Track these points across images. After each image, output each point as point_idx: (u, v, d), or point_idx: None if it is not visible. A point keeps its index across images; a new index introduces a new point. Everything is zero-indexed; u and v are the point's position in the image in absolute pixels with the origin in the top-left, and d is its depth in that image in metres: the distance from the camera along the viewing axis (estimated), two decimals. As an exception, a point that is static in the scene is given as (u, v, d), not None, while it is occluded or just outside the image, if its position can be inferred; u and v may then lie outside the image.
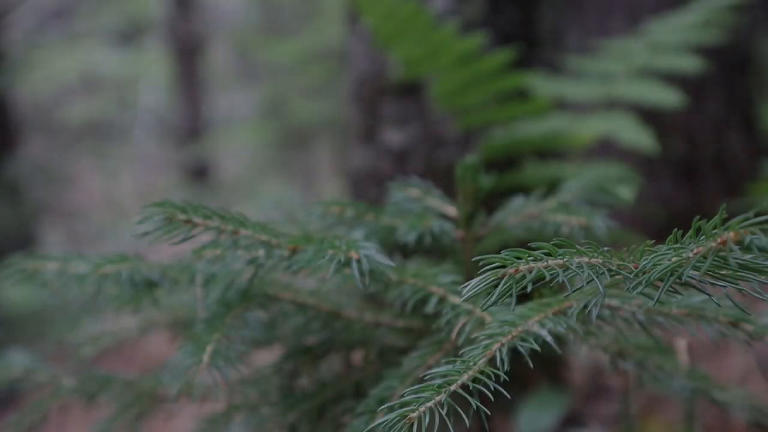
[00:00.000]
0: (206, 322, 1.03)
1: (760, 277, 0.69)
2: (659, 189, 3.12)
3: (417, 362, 0.99)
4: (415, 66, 1.89)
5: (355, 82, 2.18)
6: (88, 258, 1.13)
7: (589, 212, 1.13)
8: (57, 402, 1.25)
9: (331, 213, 1.19)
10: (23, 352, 1.33)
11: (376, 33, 1.82)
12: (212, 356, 0.95)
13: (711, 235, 0.69)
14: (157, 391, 1.27)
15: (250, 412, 1.21)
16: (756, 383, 1.84)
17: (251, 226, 0.99)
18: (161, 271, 1.12)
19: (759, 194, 2.18)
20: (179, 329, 1.38)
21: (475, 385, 0.76)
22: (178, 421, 1.70)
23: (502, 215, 1.19)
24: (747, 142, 3.17)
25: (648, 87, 1.92)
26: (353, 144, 2.20)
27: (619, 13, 3.17)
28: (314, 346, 1.18)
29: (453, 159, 1.97)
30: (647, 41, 2.02)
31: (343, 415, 1.12)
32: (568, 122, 1.91)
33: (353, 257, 0.92)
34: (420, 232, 1.12)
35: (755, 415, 1.14)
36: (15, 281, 1.14)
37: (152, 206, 0.96)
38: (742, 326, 0.93)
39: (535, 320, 0.86)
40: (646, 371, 1.06)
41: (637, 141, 1.78)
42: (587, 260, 0.74)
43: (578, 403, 1.94)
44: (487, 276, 0.73)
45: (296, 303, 1.12)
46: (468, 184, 1.11)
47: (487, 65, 1.83)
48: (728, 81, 3.13)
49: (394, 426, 0.72)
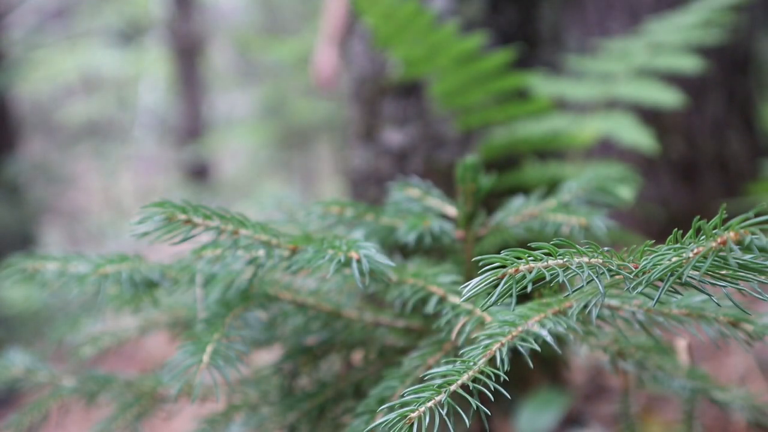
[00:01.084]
0: (206, 322, 1.03)
1: (760, 277, 0.69)
2: (659, 189, 3.12)
3: (417, 362, 0.99)
4: (415, 66, 1.89)
5: (355, 82, 2.18)
6: (88, 258, 1.13)
7: (589, 212, 1.13)
8: (57, 402, 1.25)
9: (331, 213, 1.19)
10: (23, 352, 1.32)
11: (375, 33, 1.82)
12: (212, 356, 0.95)
13: (711, 235, 0.69)
14: (157, 391, 1.27)
15: (250, 412, 1.21)
16: (756, 383, 1.84)
17: (251, 226, 0.99)
18: (161, 271, 1.12)
19: (759, 194, 2.18)
20: (179, 329, 1.38)
21: (475, 385, 0.76)
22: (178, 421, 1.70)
23: (502, 215, 1.19)
24: (747, 142, 3.17)
25: (648, 87, 1.92)
26: (353, 144, 2.20)
27: (619, 12, 3.18)
28: (314, 346, 1.18)
29: (453, 159, 1.97)
30: (647, 41, 2.02)
31: (343, 415, 1.12)
32: (568, 122, 1.91)
33: (353, 257, 0.92)
34: (420, 232, 1.12)
35: (755, 415, 1.14)
36: (15, 281, 1.13)
37: (152, 206, 0.95)
38: (742, 326, 0.93)
39: (535, 320, 0.86)
40: (646, 371, 1.06)
41: (637, 141, 1.78)
42: (587, 260, 0.74)
43: (578, 403, 1.94)
44: (487, 276, 0.73)
45: (296, 303, 1.12)
46: (468, 184, 1.11)
47: (487, 65, 1.83)
48: (728, 81, 3.13)
49: (394, 426, 0.72)
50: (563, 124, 1.90)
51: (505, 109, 1.91)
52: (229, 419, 1.21)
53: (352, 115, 2.21)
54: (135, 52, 9.40)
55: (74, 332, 1.39)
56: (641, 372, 1.06)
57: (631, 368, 1.06)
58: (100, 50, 8.82)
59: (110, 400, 1.26)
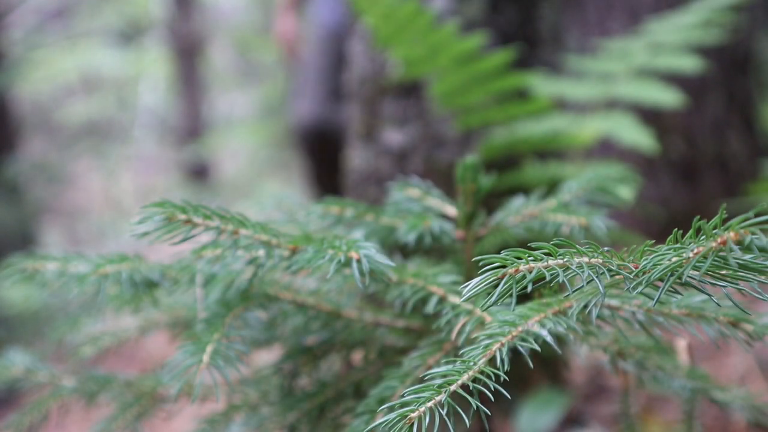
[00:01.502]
0: (206, 322, 1.03)
1: (760, 277, 0.69)
2: (659, 189, 3.12)
3: (417, 362, 0.99)
4: (415, 66, 1.89)
5: (355, 82, 2.18)
6: (88, 258, 1.12)
7: (589, 212, 1.13)
8: (57, 402, 1.25)
9: (331, 213, 1.19)
10: (23, 352, 1.32)
11: (375, 33, 1.82)
12: (212, 356, 0.95)
13: (711, 235, 0.69)
14: (157, 391, 1.27)
15: (250, 412, 1.21)
16: (756, 383, 1.84)
17: (251, 226, 0.99)
18: (161, 271, 1.12)
19: (759, 194, 2.18)
20: (179, 329, 1.38)
21: (475, 385, 0.76)
22: (178, 421, 1.70)
23: (502, 215, 1.19)
24: (747, 142, 3.17)
25: (648, 87, 1.92)
26: (353, 144, 2.20)
27: (619, 12, 3.18)
28: (314, 346, 1.18)
29: (453, 159, 1.97)
30: (648, 41, 2.02)
31: (343, 415, 1.12)
32: (568, 122, 1.91)
33: (353, 257, 0.92)
34: (420, 232, 1.12)
35: (755, 415, 1.14)
36: (15, 281, 1.13)
37: (152, 206, 0.95)
38: (742, 326, 0.93)
39: (535, 320, 0.86)
40: (646, 371, 1.06)
41: (637, 141, 1.78)
42: (587, 260, 0.74)
43: (578, 403, 1.94)
44: (487, 276, 0.73)
45: (296, 303, 1.12)
46: (468, 184, 1.11)
47: (487, 65, 1.83)
48: (728, 81, 3.13)
49: (394, 426, 0.72)
50: (563, 124, 1.90)
51: (505, 109, 1.91)
52: (229, 419, 1.21)
53: (351, 115, 2.21)
54: (135, 52, 9.40)
55: (74, 332, 1.39)
56: (641, 372, 1.06)
57: (631, 368, 1.06)
58: (100, 50, 8.81)
59: (110, 400, 1.26)
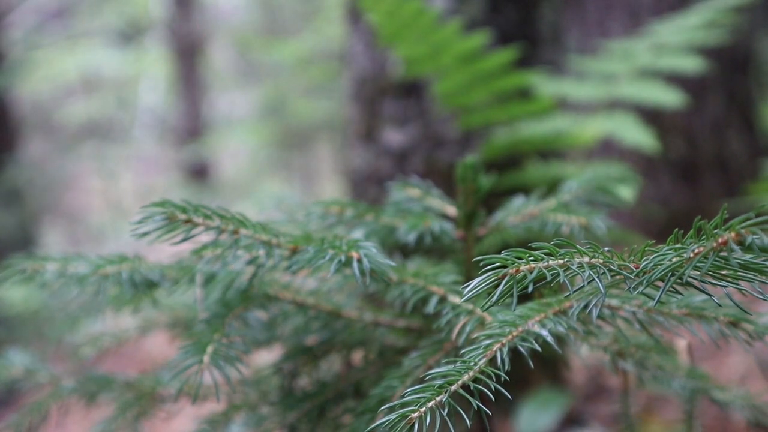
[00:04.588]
0: (206, 322, 1.03)
1: (760, 277, 0.69)
2: (659, 189, 3.12)
3: (417, 362, 0.99)
4: (417, 65, 1.89)
5: (356, 82, 2.18)
6: (88, 258, 1.12)
7: (590, 212, 1.13)
8: (57, 402, 1.25)
9: (331, 213, 1.19)
10: (23, 352, 1.32)
11: (379, 30, 1.82)
12: (212, 356, 0.95)
13: (712, 235, 0.69)
14: (157, 391, 1.27)
15: (250, 412, 1.21)
16: (756, 383, 1.84)
17: (252, 225, 0.98)
18: (161, 271, 1.12)
19: (759, 194, 2.18)
20: (179, 329, 1.38)
21: (475, 385, 0.76)
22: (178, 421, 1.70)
23: (502, 215, 1.19)
24: (747, 142, 3.17)
25: (649, 87, 1.92)
26: (353, 144, 2.20)
27: (619, 12, 3.18)
28: (314, 346, 1.18)
29: (453, 159, 1.97)
30: (651, 42, 2.02)
31: (343, 415, 1.12)
32: (570, 122, 1.91)
33: (354, 257, 0.92)
34: (420, 232, 1.12)
35: (755, 415, 1.14)
36: (15, 281, 1.13)
37: (152, 206, 0.95)
38: (742, 326, 0.93)
39: (536, 320, 0.86)
40: (646, 371, 1.06)
41: (639, 141, 1.78)
42: (588, 260, 0.74)
43: (578, 403, 1.94)
44: (488, 276, 0.73)
45: (296, 303, 1.12)
46: (468, 184, 1.11)
47: (489, 64, 1.83)
48: (728, 81, 3.13)
49: (395, 426, 0.72)
50: (565, 124, 1.90)
51: (507, 109, 1.91)
52: (229, 419, 1.21)
53: (352, 115, 2.21)
54: (135, 52, 9.39)
55: (74, 332, 1.39)
56: (641, 372, 1.06)
57: (631, 368, 1.05)
58: (100, 50, 8.81)
59: (110, 400, 1.26)
